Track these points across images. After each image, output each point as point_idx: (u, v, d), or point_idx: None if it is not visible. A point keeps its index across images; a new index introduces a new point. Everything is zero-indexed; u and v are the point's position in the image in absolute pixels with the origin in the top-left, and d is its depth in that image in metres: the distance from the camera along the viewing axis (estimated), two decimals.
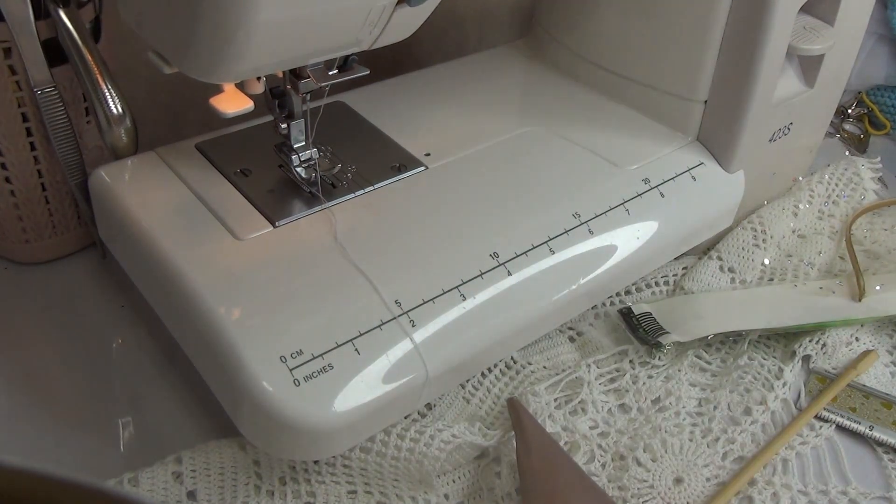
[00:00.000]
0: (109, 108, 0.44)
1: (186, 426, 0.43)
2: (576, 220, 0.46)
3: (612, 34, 0.55)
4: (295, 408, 0.36)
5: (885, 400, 0.47)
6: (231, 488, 0.39)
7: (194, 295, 0.39)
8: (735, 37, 0.49)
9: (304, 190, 0.46)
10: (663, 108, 0.54)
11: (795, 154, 0.60)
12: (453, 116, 0.55)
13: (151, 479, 0.39)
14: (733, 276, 0.54)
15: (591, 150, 0.52)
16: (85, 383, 0.45)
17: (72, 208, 0.51)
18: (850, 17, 0.54)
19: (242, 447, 0.40)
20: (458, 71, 0.60)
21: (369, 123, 0.53)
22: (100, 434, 0.43)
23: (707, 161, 0.53)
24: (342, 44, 0.39)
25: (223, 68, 0.37)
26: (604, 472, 0.42)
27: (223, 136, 0.50)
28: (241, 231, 0.43)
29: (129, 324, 0.49)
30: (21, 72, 0.45)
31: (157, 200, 0.45)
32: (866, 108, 0.74)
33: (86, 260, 0.53)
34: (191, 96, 0.62)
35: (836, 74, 0.58)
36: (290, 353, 0.37)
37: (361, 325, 0.39)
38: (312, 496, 0.40)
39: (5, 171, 0.47)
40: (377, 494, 0.40)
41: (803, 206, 0.59)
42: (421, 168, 0.49)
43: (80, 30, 0.44)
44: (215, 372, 0.39)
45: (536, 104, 0.57)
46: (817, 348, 0.49)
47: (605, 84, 0.57)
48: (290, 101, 0.44)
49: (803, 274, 0.55)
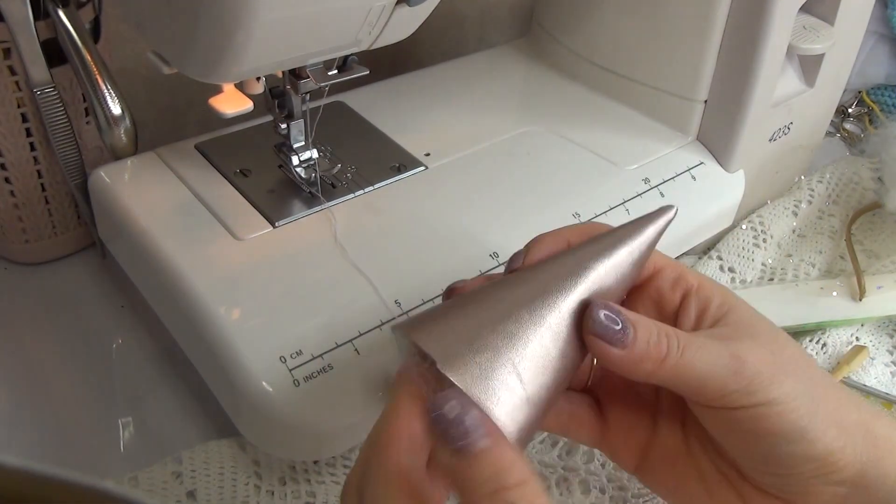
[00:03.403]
0: (109, 108, 0.44)
1: (186, 426, 0.43)
2: (576, 219, 0.46)
3: (612, 34, 0.55)
4: (295, 408, 0.36)
5: (886, 399, 0.47)
6: (231, 488, 0.39)
7: (194, 295, 0.39)
8: (735, 36, 0.49)
9: (303, 190, 0.46)
10: (663, 108, 0.54)
11: (795, 153, 0.60)
12: (453, 116, 0.55)
13: (151, 479, 0.39)
14: (733, 275, 0.54)
15: (591, 150, 0.52)
16: (85, 383, 0.45)
17: (72, 208, 0.51)
18: (850, 17, 0.54)
19: (242, 447, 0.40)
20: (458, 71, 0.60)
21: (369, 123, 0.53)
22: (100, 434, 0.43)
23: (707, 161, 0.53)
24: (342, 44, 0.39)
25: (223, 68, 0.37)
26: (603, 471, 0.42)
27: (223, 136, 0.50)
28: (241, 231, 0.43)
29: (129, 324, 0.49)
30: (21, 72, 0.45)
31: (157, 200, 0.45)
32: (866, 108, 0.74)
33: (86, 260, 0.53)
34: (191, 96, 0.62)
35: (837, 74, 0.58)
36: (290, 353, 0.37)
37: (361, 325, 0.39)
38: (312, 496, 0.40)
39: (5, 171, 0.47)
40: None
41: (803, 205, 0.59)
42: (421, 168, 0.49)
43: (80, 30, 0.44)
44: (215, 372, 0.39)
45: (536, 104, 0.57)
46: (817, 348, 0.49)
47: (605, 84, 0.57)
48: (289, 101, 0.44)
49: (803, 274, 0.55)
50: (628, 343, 0.29)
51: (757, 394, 0.29)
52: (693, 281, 0.33)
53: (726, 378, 0.29)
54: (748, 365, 0.29)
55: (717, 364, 0.29)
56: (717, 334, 0.31)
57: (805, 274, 0.55)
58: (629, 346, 0.29)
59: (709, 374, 0.29)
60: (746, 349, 0.30)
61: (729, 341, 0.30)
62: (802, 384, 0.30)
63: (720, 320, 0.32)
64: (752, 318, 0.32)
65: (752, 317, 0.32)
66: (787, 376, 0.30)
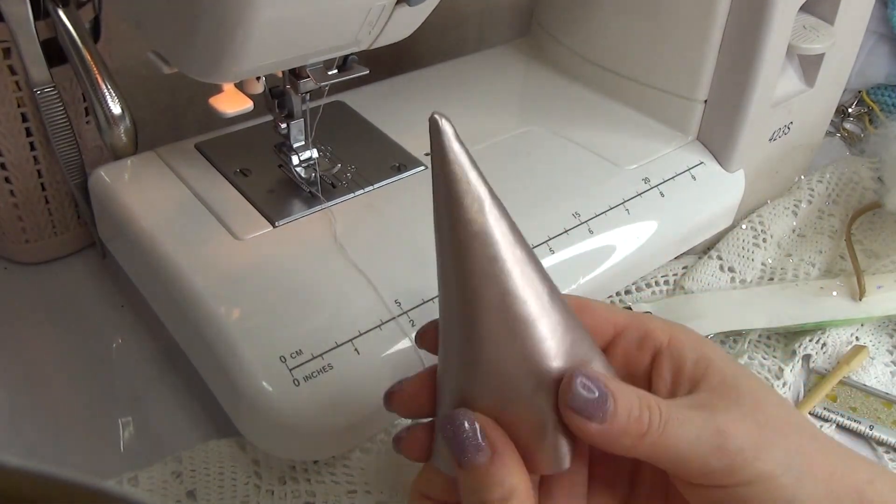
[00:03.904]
0: (109, 107, 0.44)
1: (186, 426, 0.43)
2: (576, 219, 0.46)
3: (612, 34, 0.55)
4: (295, 408, 0.36)
5: (886, 399, 0.47)
6: (231, 488, 0.39)
7: (194, 295, 0.39)
8: (735, 36, 0.49)
9: (303, 190, 0.46)
10: (663, 108, 0.54)
11: (795, 153, 0.60)
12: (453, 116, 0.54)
13: (151, 479, 0.39)
14: (733, 275, 0.54)
15: (591, 149, 0.52)
16: (85, 383, 0.45)
17: (72, 208, 0.51)
18: (850, 16, 0.54)
19: (242, 447, 0.40)
20: (458, 71, 0.60)
21: (369, 123, 0.53)
22: (100, 434, 0.43)
23: (707, 160, 0.53)
24: (341, 44, 0.39)
25: (223, 68, 0.37)
26: None
27: (223, 136, 0.50)
28: (241, 231, 0.43)
29: (129, 324, 0.49)
30: (21, 72, 0.45)
31: (157, 200, 0.45)
32: (866, 108, 0.74)
33: (86, 260, 0.53)
34: (190, 96, 0.62)
35: (837, 73, 0.58)
36: (289, 352, 0.37)
37: (361, 325, 0.39)
38: (312, 496, 0.40)
39: (5, 171, 0.47)
40: (377, 494, 0.40)
41: (803, 205, 0.59)
42: (421, 168, 0.49)
43: (80, 30, 0.44)
44: (215, 372, 0.39)
45: (536, 104, 0.57)
46: (817, 348, 0.49)
47: (605, 84, 0.57)
48: (289, 100, 0.44)
49: (803, 273, 0.55)
50: (608, 417, 0.27)
51: (741, 472, 0.27)
52: (662, 338, 0.31)
53: (708, 456, 0.27)
54: (732, 440, 0.27)
55: (699, 440, 0.27)
56: (699, 402, 0.29)
57: (805, 274, 0.55)
58: (608, 420, 0.27)
59: (690, 451, 0.27)
60: (730, 421, 0.28)
61: (712, 412, 0.28)
62: (790, 454, 0.28)
63: (699, 383, 0.29)
64: (734, 377, 0.29)
65: (733, 375, 0.29)
66: (774, 447, 0.28)
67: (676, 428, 0.27)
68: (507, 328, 0.27)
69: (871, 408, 0.47)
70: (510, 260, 0.27)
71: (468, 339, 0.28)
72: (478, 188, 0.27)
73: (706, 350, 0.30)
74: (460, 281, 0.27)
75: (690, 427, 0.27)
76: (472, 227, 0.27)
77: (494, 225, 0.27)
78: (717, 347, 0.31)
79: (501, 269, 0.27)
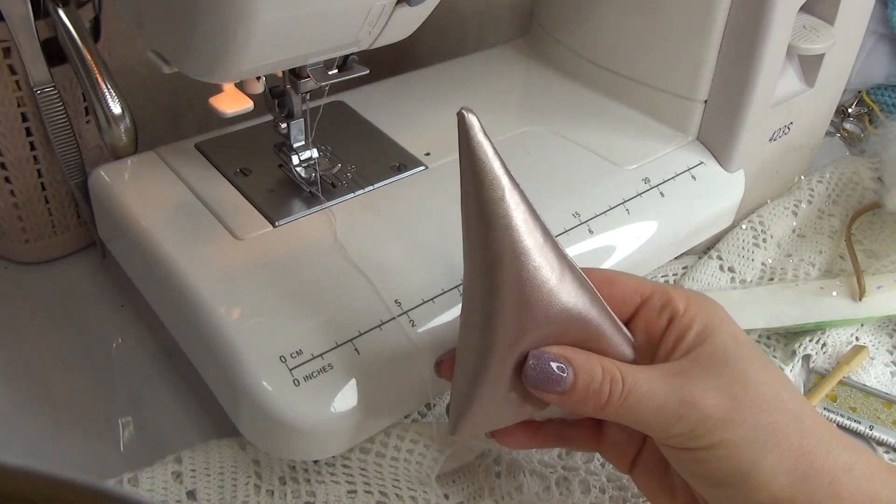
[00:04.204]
0: (109, 107, 0.44)
1: (186, 426, 0.43)
2: (576, 219, 0.46)
3: (613, 34, 0.55)
4: (295, 408, 0.36)
5: (886, 399, 0.47)
6: (231, 488, 0.39)
7: (194, 295, 0.39)
8: (735, 36, 0.49)
9: (303, 190, 0.46)
10: (663, 108, 0.54)
11: (795, 153, 0.60)
12: (453, 116, 0.54)
13: (151, 479, 0.39)
14: (733, 275, 0.54)
15: (591, 149, 0.52)
16: (85, 383, 0.45)
17: (72, 208, 0.51)
18: (850, 17, 0.54)
19: (242, 447, 0.40)
20: (458, 71, 0.60)
21: (369, 123, 0.53)
22: (100, 434, 0.43)
23: (707, 160, 0.53)
24: (342, 44, 0.39)
25: (223, 68, 0.37)
26: (603, 471, 0.42)
27: (223, 135, 0.50)
28: (241, 231, 0.43)
29: (129, 324, 0.49)
30: (21, 71, 0.45)
31: (157, 200, 0.45)
32: (866, 108, 0.74)
33: (86, 260, 0.53)
34: (191, 96, 0.62)
35: (837, 74, 0.58)
36: (289, 352, 0.37)
37: (361, 325, 0.39)
38: (312, 496, 0.40)
39: (5, 171, 0.47)
40: (377, 494, 0.40)
41: (803, 205, 0.59)
42: (421, 168, 0.49)
43: (80, 29, 0.44)
44: (215, 372, 0.39)
45: (536, 104, 0.57)
46: (817, 348, 0.49)
47: (605, 84, 0.57)
48: (289, 100, 0.44)
49: (803, 273, 0.55)
50: (567, 388, 0.31)
51: (700, 439, 0.30)
52: (680, 306, 0.33)
53: (670, 422, 0.30)
54: (697, 409, 0.30)
55: (661, 409, 0.30)
56: (677, 370, 0.31)
57: (805, 274, 0.55)
58: (568, 392, 0.31)
59: (652, 418, 0.30)
60: (701, 391, 0.30)
61: (687, 380, 0.31)
62: (758, 429, 0.30)
63: (692, 351, 0.32)
64: (726, 351, 0.32)
65: (727, 349, 0.32)
66: (743, 421, 0.30)
67: (639, 397, 0.30)
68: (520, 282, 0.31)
69: (871, 408, 0.47)
70: (527, 235, 0.31)
71: (490, 290, 0.31)
72: (500, 176, 0.31)
73: (715, 322, 0.33)
74: (483, 242, 0.31)
75: (654, 396, 0.30)
76: (495, 208, 0.31)
77: (514, 207, 0.31)
78: (730, 322, 0.33)
79: (519, 238, 0.31)
